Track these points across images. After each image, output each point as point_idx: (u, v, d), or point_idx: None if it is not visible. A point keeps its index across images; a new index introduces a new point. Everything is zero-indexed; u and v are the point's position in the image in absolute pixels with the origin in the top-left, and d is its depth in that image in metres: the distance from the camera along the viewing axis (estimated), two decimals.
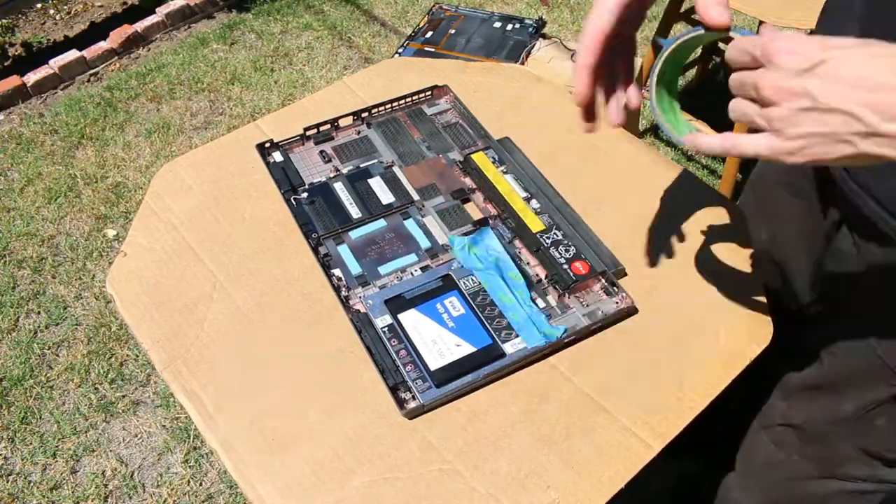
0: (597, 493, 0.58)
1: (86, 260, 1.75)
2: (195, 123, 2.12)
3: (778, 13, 1.31)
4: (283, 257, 0.75)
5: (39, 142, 2.07)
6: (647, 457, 0.60)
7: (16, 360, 1.55)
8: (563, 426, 0.62)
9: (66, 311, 1.65)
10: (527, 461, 0.60)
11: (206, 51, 2.38)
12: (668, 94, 0.58)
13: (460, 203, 0.79)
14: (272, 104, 2.16)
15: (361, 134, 0.87)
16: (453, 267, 0.72)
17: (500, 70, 0.99)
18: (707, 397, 0.64)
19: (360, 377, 0.66)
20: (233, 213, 0.80)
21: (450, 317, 0.68)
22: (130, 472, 1.38)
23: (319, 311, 0.71)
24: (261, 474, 0.60)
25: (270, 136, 0.85)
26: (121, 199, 1.89)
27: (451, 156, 0.84)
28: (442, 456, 0.61)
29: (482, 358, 0.65)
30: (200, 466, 1.38)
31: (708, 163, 1.94)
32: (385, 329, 0.67)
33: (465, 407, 0.64)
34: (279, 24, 2.48)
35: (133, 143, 2.05)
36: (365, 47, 2.38)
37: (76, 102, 2.18)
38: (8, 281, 1.70)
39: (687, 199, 0.80)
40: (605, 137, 0.87)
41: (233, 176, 0.84)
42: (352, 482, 0.59)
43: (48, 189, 1.92)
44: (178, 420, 1.45)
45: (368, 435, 0.62)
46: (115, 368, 1.53)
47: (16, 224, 1.84)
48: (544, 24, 1.75)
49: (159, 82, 2.25)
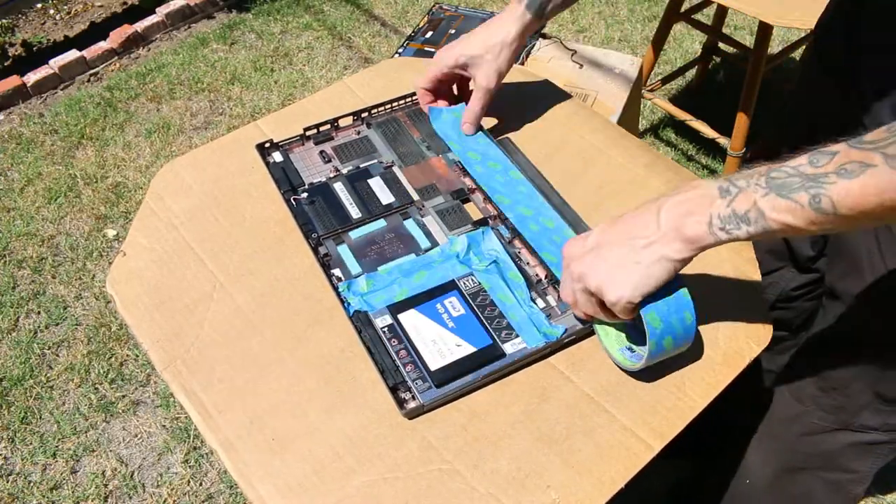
0: (597, 493, 0.58)
1: (86, 260, 1.76)
2: (195, 123, 2.12)
3: (778, 13, 1.31)
4: (283, 257, 0.75)
5: (39, 142, 2.07)
6: (647, 457, 0.60)
7: (16, 360, 1.55)
8: (563, 426, 0.62)
9: (66, 311, 1.65)
10: (527, 461, 0.60)
11: (206, 51, 2.38)
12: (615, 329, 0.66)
13: (460, 203, 0.79)
14: (272, 104, 2.16)
15: (361, 134, 0.87)
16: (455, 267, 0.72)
17: None
18: (707, 397, 0.64)
19: (360, 377, 0.66)
20: (233, 213, 0.80)
21: (450, 317, 0.68)
22: (130, 472, 1.38)
23: (319, 311, 0.71)
24: (261, 474, 0.60)
25: (270, 137, 0.85)
26: (121, 199, 1.90)
27: (450, 156, 0.84)
28: (442, 456, 0.61)
29: (482, 358, 0.65)
30: (200, 466, 1.38)
31: (708, 163, 1.94)
32: (385, 329, 0.67)
33: (465, 407, 0.64)
34: (279, 24, 2.48)
35: (133, 143, 2.05)
36: (365, 47, 2.38)
37: (76, 102, 2.18)
38: (8, 281, 1.70)
39: None
40: (605, 138, 0.87)
41: (233, 176, 0.84)
42: (352, 482, 0.59)
43: (48, 189, 1.92)
44: (178, 420, 1.45)
45: (368, 435, 0.62)
46: (115, 368, 1.53)
47: (16, 224, 1.84)
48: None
49: (159, 82, 2.25)
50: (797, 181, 0.50)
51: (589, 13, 2.48)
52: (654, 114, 2.09)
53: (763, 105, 1.68)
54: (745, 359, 0.67)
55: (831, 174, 0.48)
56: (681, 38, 2.32)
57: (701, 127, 1.78)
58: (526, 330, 0.67)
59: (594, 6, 2.51)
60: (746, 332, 0.68)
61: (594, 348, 0.67)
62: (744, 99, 1.59)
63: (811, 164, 0.50)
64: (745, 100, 1.59)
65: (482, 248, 0.74)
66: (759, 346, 0.68)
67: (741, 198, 0.52)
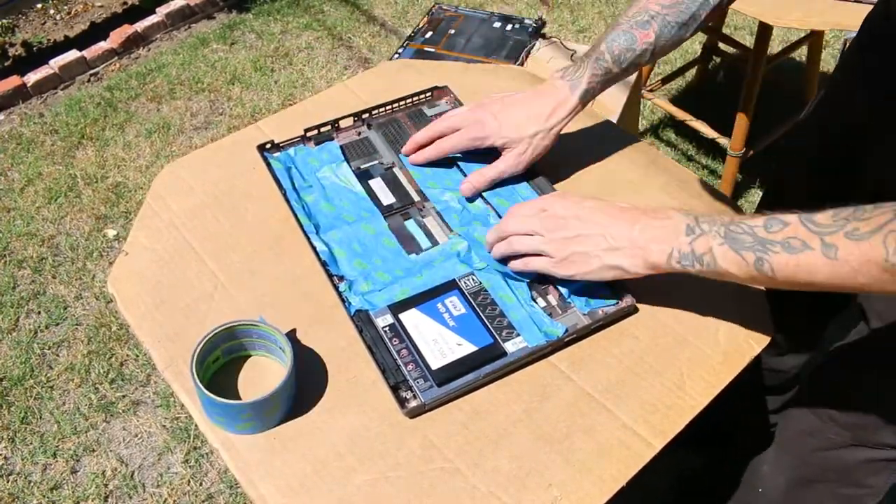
0: (598, 491, 0.58)
1: (86, 260, 1.76)
2: (195, 123, 2.12)
3: (778, 13, 1.31)
4: (283, 257, 0.76)
5: (39, 142, 2.07)
6: (647, 455, 0.60)
7: (16, 360, 1.55)
8: (564, 425, 0.62)
9: (67, 311, 1.65)
10: (528, 459, 0.60)
11: (207, 51, 2.38)
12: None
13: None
14: (272, 104, 2.16)
15: (362, 135, 0.87)
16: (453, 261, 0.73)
17: (500, 71, 0.99)
18: (707, 396, 0.64)
19: (361, 376, 0.66)
20: (234, 214, 0.80)
21: (451, 316, 0.68)
22: (130, 471, 1.38)
23: (320, 311, 0.71)
24: (262, 473, 0.60)
25: (271, 137, 0.85)
26: (121, 199, 1.90)
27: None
28: (443, 454, 0.61)
29: (483, 357, 0.65)
30: (200, 466, 1.38)
31: (708, 163, 1.94)
32: (386, 328, 0.67)
33: (466, 406, 0.64)
34: (279, 24, 2.48)
35: (133, 143, 2.05)
36: (365, 48, 2.38)
37: (76, 102, 2.18)
38: (8, 281, 1.70)
39: (687, 199, 0.80)
40: (605, 138, 0.87)
41: (234, 176, 0.84)
42: (353, 481, 0.59)
43: (48, 189, 1.92)
44: (178, 420, 1.45)
45: (370, 434, 0.62)
46: (115, 368, 1.53)
47: (16, 224, 1.84)
48: (544, 24, 1.76)
49: (159, 82, 2.25)
50: (749, 240, 0.56)
51: (589, 13, 2.48)
52: (654, 114, 2.09)
53: (763, 105, 1.68)
54: (745, 358, 0.67)
55: (777, 244, 0.54)
56: None
57: (701, 127, 1.79)
58: (527, 329, 0.67)
59: (594, 6, 2.51)
60: (746, 332, 0.69)
61: (595, 347, 0.68)
62: (744, 99, 1.59)
63: (765, 228, 0.55)
64: (745, 100, 1.59)
65: (483, 247, 0.74)
66: (759, 346, 0.68)
67: (702, 240, 0.58)
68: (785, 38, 2.26)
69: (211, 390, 0.60)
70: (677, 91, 2.16)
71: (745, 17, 2.32)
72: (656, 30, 0.74)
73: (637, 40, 0.75)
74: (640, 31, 0.74)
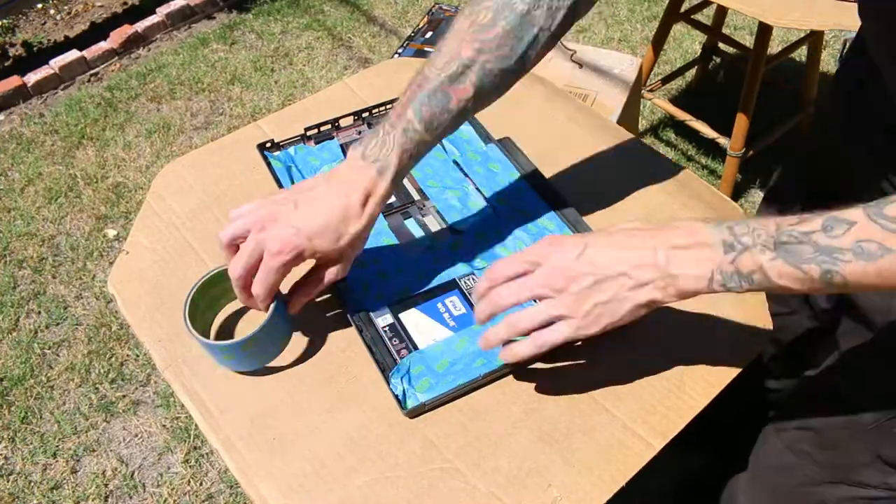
0: (598, 492, 0.58)
1: (86, 260, 1.76)
2: (195, 123, 2.12)
3: (778, 13, 1.31)
4: None
5: (40, 142, 2.07)
6: (647, 455, 0.60)
7: (16, 360, 1.55)
8: (563, 425, 0.62)
9: (67, 311, 1.65)
10: (528, 460, 0.60)
11: (207, 51, 2.38)
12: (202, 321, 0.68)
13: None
14: (272, 104, 2.16)
15: (362, 134, 0.87)
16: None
17: None
18: (707, 396, 0.64)
19: (361, 376, 0.66)
20: None
21: (451, 316, 0.68)
22: (131, 471, 1.38)
23: (320, 310, 0.71)
24: (262, 473, 0.60)
25: (271, 136, 0.85)
26: (121, 199, 1.90)
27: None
28: (443, 455, 0.61)
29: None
30: (201, 466, 1.38)
31: (708, 163, 1.94)
32: (386, 328, 0.67)
33: (466, 406, 0.64)
34: (279, 24, 2.48)
35: (133, 143, 2.05)
36: (365, 48, 2.38)
37: (76, 102, 2.18)
38: (8, 281, 1.70)
39: (687, 199, 0.80)
40: (605, 138, 0.87)
41: (234, 176, 0.84)
42: (353, 481, 0.59)
43: (48, 189, 1.92)
44: (178, 420, 1.45)
45: (369, 434, 0.62)
46: (115, 368, 1.54)
47: (16, 224, 1.84)
48: None
49: (159, 82, 2.26)
50: (809, 251, 0.47)
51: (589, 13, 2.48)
52: (654, 114, 2.09)
53: (763, 105, 1.68)
54: (744, 358, 0.67)
55: (846, 251, 0.46)
56: (680, 38, 2.32)
57: (701, 127, 1.78)
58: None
59: (594, 6, 2.51)
60: (746, 332, 0.69)
61: (595, 347, 0.68)
62: (743, 99, 1.59)
63: (825, 232, 0.47)
64: (744, 100, 1.59)
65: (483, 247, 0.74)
66: (759, 346, 0.68)
67: (746, 257, 0.50)
68: (785, 38, 2.26)
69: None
70: (677, 91, 2.16)
71: (744, 17, 2.32)
72: (475, 81, 0.61)
73: (451, 99, 0.61)
74: (455, 87, 0.61)
